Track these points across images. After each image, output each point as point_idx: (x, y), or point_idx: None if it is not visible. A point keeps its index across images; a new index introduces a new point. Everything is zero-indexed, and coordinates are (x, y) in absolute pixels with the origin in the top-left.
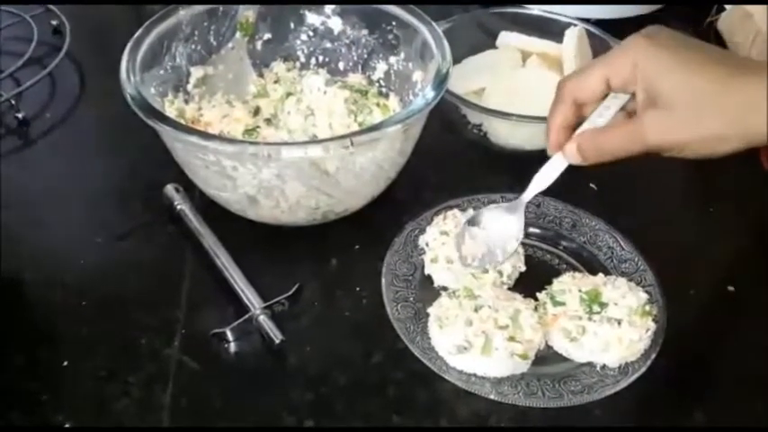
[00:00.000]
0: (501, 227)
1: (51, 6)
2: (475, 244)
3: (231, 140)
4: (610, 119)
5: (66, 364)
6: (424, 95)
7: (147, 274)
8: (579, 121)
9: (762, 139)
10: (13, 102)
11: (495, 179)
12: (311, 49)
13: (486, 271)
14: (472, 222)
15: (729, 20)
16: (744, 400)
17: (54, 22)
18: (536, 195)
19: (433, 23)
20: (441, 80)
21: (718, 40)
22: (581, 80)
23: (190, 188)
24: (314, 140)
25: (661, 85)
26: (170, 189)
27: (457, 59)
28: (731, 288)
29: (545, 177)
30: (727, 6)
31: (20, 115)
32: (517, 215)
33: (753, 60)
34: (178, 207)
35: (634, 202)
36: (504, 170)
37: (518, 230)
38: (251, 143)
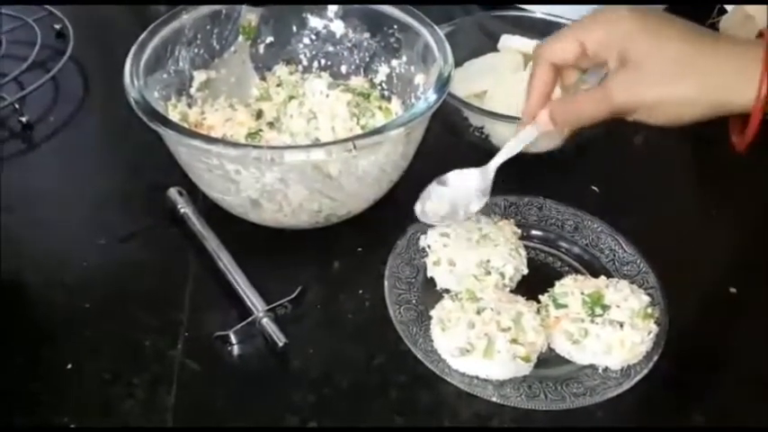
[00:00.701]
0: (467, 188)
1: (54, 10)
2: (440, 202)
3: (234, 144)
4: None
5: (69, 366)
6: (426, 99)
7: (150, 277)
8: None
9: (729, 107)
10: (16, 105)
11: (497, 181)
12: (313, 52)
13: (488, 273)
14: (441, 182)
15: (731, 22)
16: (746, 402)
17: (57, 26)
18: (504, 162)
19: (435, 26)
20: (442, 83)
21: None
22: (556, 42)
23: (193, 191)
24: (316, 144)
25: (633, 47)
26: (173, 192)
27: (459, 62)
28: (733, 290)
29: (517, 143)
30: (728, 8)
31: (23, 119)
32: (484, 178)
33: (725, 34)
34: (181, 210)
35: (636, 205)
36: (506, 172)
37: (483, 192)
38: (254, 147)
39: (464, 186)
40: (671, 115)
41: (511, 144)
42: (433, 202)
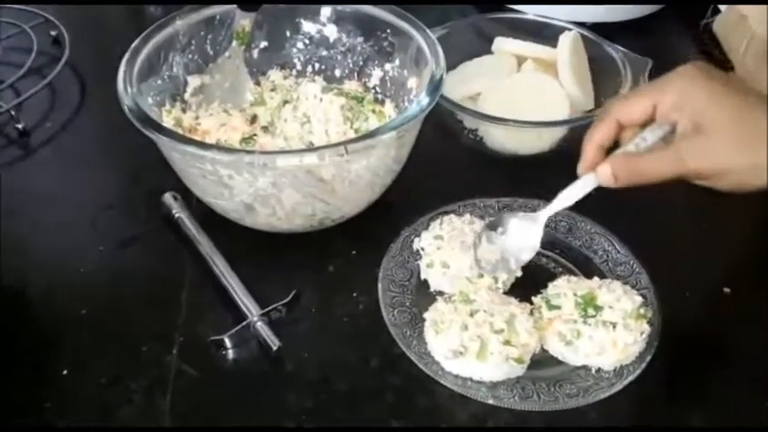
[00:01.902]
0: (519, 236)
1: (50, 17)
2: (491, 249)
3: (227, 150)
4: (646, 148)
5: (66, 371)
6: (419, 102)
7: (145, 282)
8: (614, 145)
9: None
10: (13, 113)
11: (491, 184)
12: (307, 56)
13: (480, 276)
14: (491, 226)
15: (724, 22)
16: (739, 403)
17: (53, 33)
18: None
19: (427, 30)
20: (435, 86)
21: (713, 42)
22: (629, 102)
23: (188, 196)
24: (309, 148)
25: (707, 112)
26: (168, 197)
27: (453, 65)
28: (727, 290)
29: (572, 195)
30: (722, 8)
31: (20, 126)
32: (537, 226)
33: None
34: (176, 215)
35: (630, 206)
36: (500, 175)
37: (535, 242)
38: (246, 152)
39: (515, 235)
40: (740, 182)
41: (565, 194)
42: (483, 248)
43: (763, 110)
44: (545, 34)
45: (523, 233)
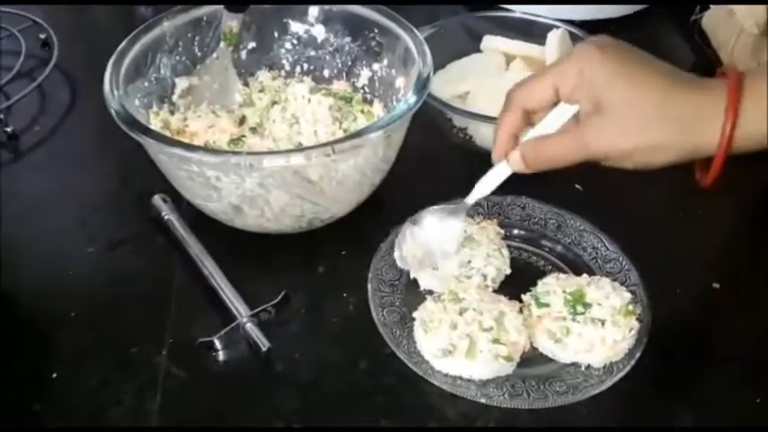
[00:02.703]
0: (441, 229)
1: (39, 20)
2: (414, 244)
3: (214, 151)
4: (555, 130)
5: (56, 374)
6: (406, 101)
7: (135, 284)
8: (526, 129)
9: (699, 152)
10: (2, 116)
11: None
12: (296, 57)
13: (469, 277)
14: (414, 222)
15: (713, 18)
16: (729, 399)
17: (42, 36)
18: (480, 199)
19: (415, 30)
20: (422, 85)
21: (702, 38)
22: (530, 88)
23: (177, 198)
24: (295, 149)
25: (606, 94)
26: (157, 200)
27: (443, 64)
28: (716, 285)
29: (488, 183)
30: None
31: (9, 129)
32: (458, 218)
33: (697, 77)
34: (165, 217)
35: (619, 203)
36: None
37: (458, 234)
38: (233, 153)
39: (438, 226)
40: (644, 161)
41: (484, 182)
42: (408, 245)
43: (661, 85)
44: (534, 32)
45: (445, 226)
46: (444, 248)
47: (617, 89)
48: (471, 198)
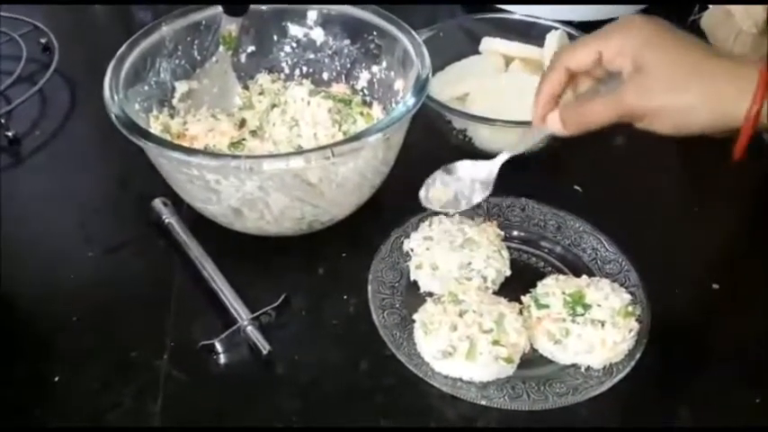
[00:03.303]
0: (472, 179)
1: (40, 24)
2: (443, 189)
3: (213, 155)
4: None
5: (58, 377)
6: (405, 103)
7: (136, 288)
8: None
9: (728, 118)
10: (2, 120)
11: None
12: (295, 60)
13: (469, 279)
14: (447, 171)
15: (712, 18)
16: (729, 399)
17: (43, 40)
18: (509, 160)
19: (413, 32)
20: (420, 87)
21: (701, 38)
22: (575, 49)
23: (178, 201)
24: (295, 152)
25: (648, 55)
26: (158, 203)
27: (442, 66)
28: (716, 286)
29: (525, 142)
30: (709, 5)
31: (10, 133)
32: (488, 172)
33: (733, 53)
34: (166, 220)
35: (618, 204)
36: None
37: (486, 185)
38: (233, 157)
39: (469, 177)
40: (676, 122)
41: (518, 142)
42: (437, 188)
43: (698, 53)
44: (532, 34)
45: (476, 177)
46: (471, 199)
47: (657, 51)
48: (504, 155)
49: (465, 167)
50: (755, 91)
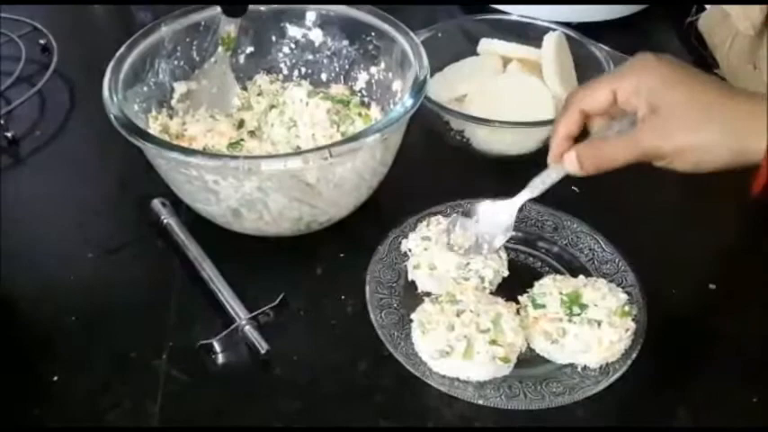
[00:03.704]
0: (492, 223)
1: (39, 25)
2: (464, 234)
3: (211, 155)
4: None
5: (57, 377)
6: (403, 104)
7: (135, 288)
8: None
9: (746, 157)
10: (2, 121)
11: (478, 185)
12: (293, 61)
13: (467, 279)
14: (466, 214)
15: (709, 20)
16: (726, 398)
17: (42, 41)
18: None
19: (411, 33)
20: (418, 88)
21: (698, 40)
22: (589, 91)
23: (177, 202)
24: (293, 153)
25: (663, 97)
26: (157, 203)
27: (440, 67)
28: (712, 286)
29: (542, 183)
30: (706, 6)
31: (9, 134)
32: (509, 214)
33: (748, 90)
34: (165, 221)
35: (616, 204)
36: (487, 175)
37: (507, 229)
38: (231, 157)
39: (489, 219)
40: (695, 161)
41: (536, 182)
42: (457, 234)
43: (714, 92)
44: (530, 35)
45: (496, 220)
46: (493, 242)
47: (673, 92)
48: (522, 196)
49: (484, 210)
50: None
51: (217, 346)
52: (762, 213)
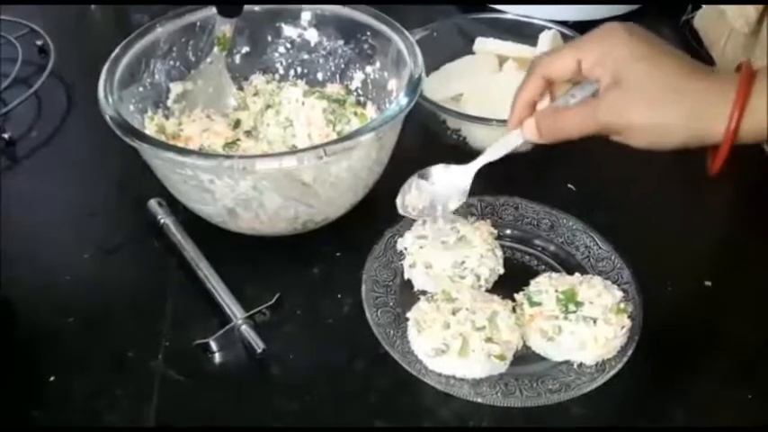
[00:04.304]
0: (448, 184)
1: (36, 27)
2: (419, 196)
3: (206, 155)
4: (574, 104)
5: (53, 378)
6: (398, 102)
7: (131, 288)
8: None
9: (706, 138)
10: None
11: (474, 183)
12: (289, 60)
13: (463, 277)
14: (422, 176)
15: (704, 18)
16: (721, 395)
17: (39, 43)
18: (486, 165)
19: (406, 32)
20: (413, 86)
21: (694, 37)
22: (554, 57)
23: (173, 202)
24: (288, 152)
25: (627, 70)
26: (153, 204)
27: (437, 66)
28: (708, 283)
29: (499, 148)
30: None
31: (6, 136)
32: (465, 178)
33: (715, 70)
34: (161, 221)
35: (611, 202)
36: (483, 174)
37: (463, 192)
38: (226, 157)
39: (445, 183)
40: (652, 139)
41: (494, 147)
42: (412, 195)
43: (678, 69)
44: (526, 33)
45: (451, 183)
46: (447, 205)
47: (638, 65)
48: (480, 161)
49: (439, 173)
50: (732, 110)
51: (213, 346)
52: (758, 210)
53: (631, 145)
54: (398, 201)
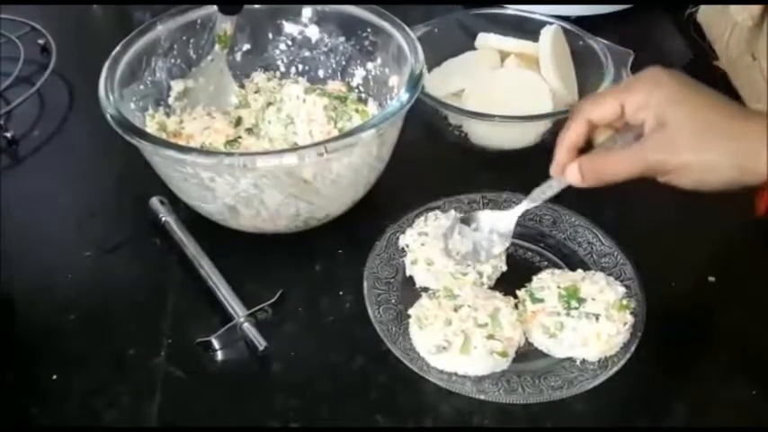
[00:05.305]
0: (490, 231)
1: (37, 26)
2: (462, 241)
3: (207, 153)
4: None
5: (55, 376)
6: (399, 99)
7: (133, 286)
8: (587, 146)
9: (751, 174)
10: (1, 122)
11: (476, 179)
12: (290, 58)
13: (465, 274)
14: (465, 221)
15: (708, 12)
16: (725, 392)
17: (41, 41)
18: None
19: (407, 28)
20: (414, 83)
21: (697, 32)
22: (598, 102)
23: (175, 200)
24: (288, 149)
25: (671, 112)
26: (155, 202)
27: (438, 62)
28: (711, 279)
29: (542, 193)
30: None
31: (8, 134)
32: (507, 223)
33: (756, 110)
34: (163, 219)
35: (614, 198)
36: (486, 170)
37: (506, 237)
38: (226, 154)
39: (488, 227)
40: (699, 178)
41: (536, 193)
42: (455, 240)
43: (723, 111)
44: (528, 29)
45: (495, 228)
46: (491, 250)
47: (681, 108)
48: (522, 206)
49: (484, 218)
50: None
51: (215, 344)
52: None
53: (678, 185)
54: (441, 245)
